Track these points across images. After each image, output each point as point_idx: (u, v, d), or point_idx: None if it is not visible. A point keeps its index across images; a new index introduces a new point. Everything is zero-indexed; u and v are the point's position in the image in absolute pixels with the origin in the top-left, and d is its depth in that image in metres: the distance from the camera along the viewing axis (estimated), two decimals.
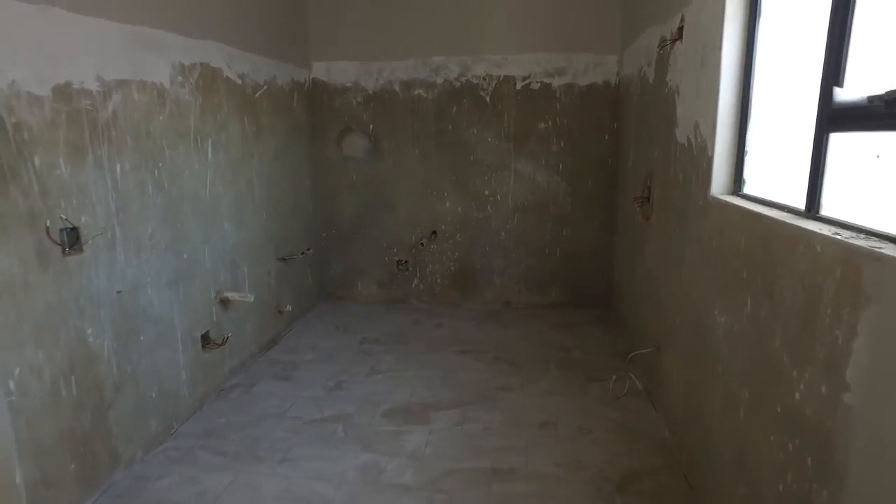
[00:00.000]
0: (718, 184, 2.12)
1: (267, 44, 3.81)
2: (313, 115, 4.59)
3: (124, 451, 2.49)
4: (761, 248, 1.68)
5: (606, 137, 4.32)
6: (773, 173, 1.94)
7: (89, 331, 2.29)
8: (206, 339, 3.08)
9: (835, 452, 1.28)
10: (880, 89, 1.27)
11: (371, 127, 4.57)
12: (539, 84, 4.33)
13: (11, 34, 1.93)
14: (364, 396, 3.17)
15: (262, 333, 3.75)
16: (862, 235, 1.30)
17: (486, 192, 4.53)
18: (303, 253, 4.27)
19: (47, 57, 2.08)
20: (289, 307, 3.99)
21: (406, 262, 4.71)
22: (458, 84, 4.41)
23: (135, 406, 2.56)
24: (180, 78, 2.88)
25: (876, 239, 1.25)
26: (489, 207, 4.55)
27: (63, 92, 2.15)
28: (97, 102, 2.32)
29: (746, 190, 2.06)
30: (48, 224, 2.07)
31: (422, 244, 4.61)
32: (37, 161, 2.03)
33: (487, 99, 4.41)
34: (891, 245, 1.19)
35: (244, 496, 2.34)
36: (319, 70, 4.57)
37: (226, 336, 3.20)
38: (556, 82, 4.30)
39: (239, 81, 3.46)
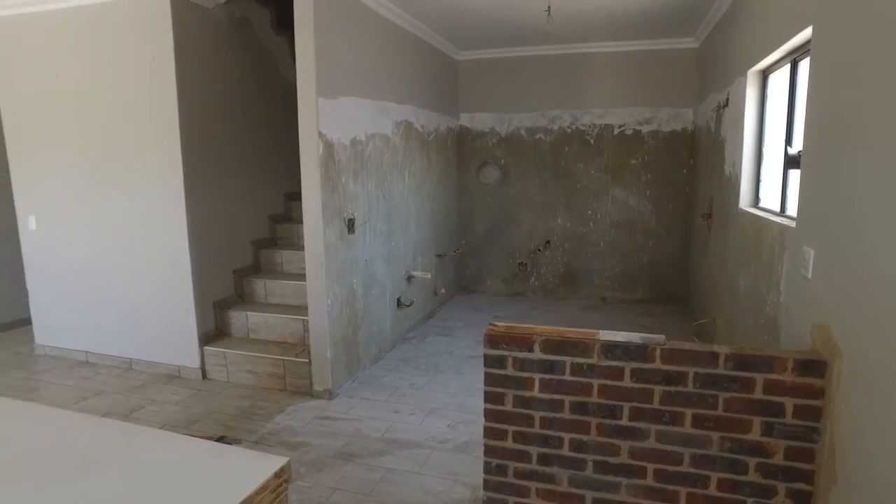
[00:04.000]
0: (744, 200, 3.41)
1: (435, 103, 5.45)
2: (460, 153, 6.21)
3: (362, 359, 4.07)
4: (756, 232, 2.97)
5: (684, 171, 5.59)
6: (772, 192, 3.22)
7: (354, 281, 3.90)
8: (399, 302, 4.65)
9: (780, 333, 2.56)
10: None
11: (502, 161, 6.11)
12: (631, 130, 5.68)
13: (330, 113, 3.59)
14: None
15: (425, 306, 5.29)
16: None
17: (589, 212, 5.91)
18: (455, 251, 5.84)
19: (346, 122, 3.75)
20: (443, 290, 5.55)
21: (525, 264, 6.15)
22: (569, 130, 5.86)
23: (367, 333, 4.14)
24: (395, 130, 4.53)
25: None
26: (591, 223, 5.92)
27: (353, 141, 3.82)
28: (363, 147, 3.98)
29: (762, 204, 3.34)
30: (344, 216, 3.71)
31: (538, 250, 6.05)
32: (342, 179, 3.69)
33: (591, 141, 5.81)
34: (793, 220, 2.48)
35: (439, 386, 3.83)
36: (465, 119, 6.19)
37: (411, 301, 4.76)
38: (645, 129, 5.64)
39: (421, 130, 5.10)
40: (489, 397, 2.17)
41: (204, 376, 4.03)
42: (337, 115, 3.61)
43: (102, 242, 4.19)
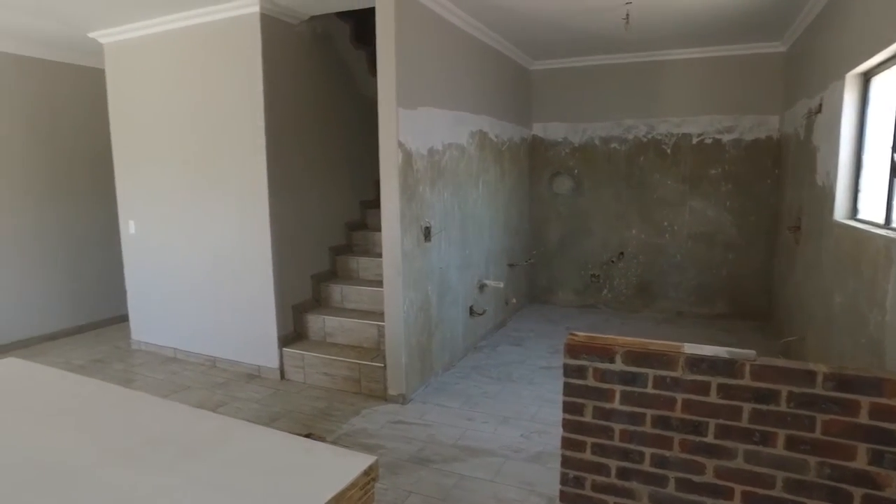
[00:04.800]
0: (840, 212, 3.22)
1: (508, 113, 5.47)
2: (533, 162, 6.19)
3: (435, 366, 4.11)
4: (855, 246, 2.80)
5: (768, 181, 5.34)
6: (873, 203, 3.03)
7: (429, 288, 3.96)
8: (471, 310, 4.68)
9: (885, 354, 2.40)
10: None
11: (575, 171, 6.05)
12: (711, 139, 5.49)
13: (409, 123, 3.67)
14: None
15: (496, 315, 5.29)
16: None
17: (665, 223, 5.74)
18: (526, 261, 5.82)
19: (423, 133, 3.83)
20: (514, 300, 5.53)
21: (598, 275, 6.04)
22: (645, 140, 5.73)
23: (440, 340, 4.19)
24: (471, 140, 4.57)
25: None
26: (667, 235, 5.75)
27: (430, 151, 3.89)
28: (440, 156, 4.04)
29: (861, 216, 3.15)
30: (421, 224, 3.78)
31: (612, 261, 5.93)
32: (420, 188, 3.76)
33: (668, 151, 5.66)
34: None
35: (511, 395, 3.82)
36: (538, 129, 6.17)
37: (484, 310, 4.78)
38: (726, 137, 5.44)
39: (495, 140, 5.13)
40: (568, 407, 2.15)
41: (282, 376, 4.20)
42: (415, 125, 3.69)
43: (192, 247, 4.45)
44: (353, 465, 1.53)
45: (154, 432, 1.67)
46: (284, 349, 4.16)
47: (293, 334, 4.30)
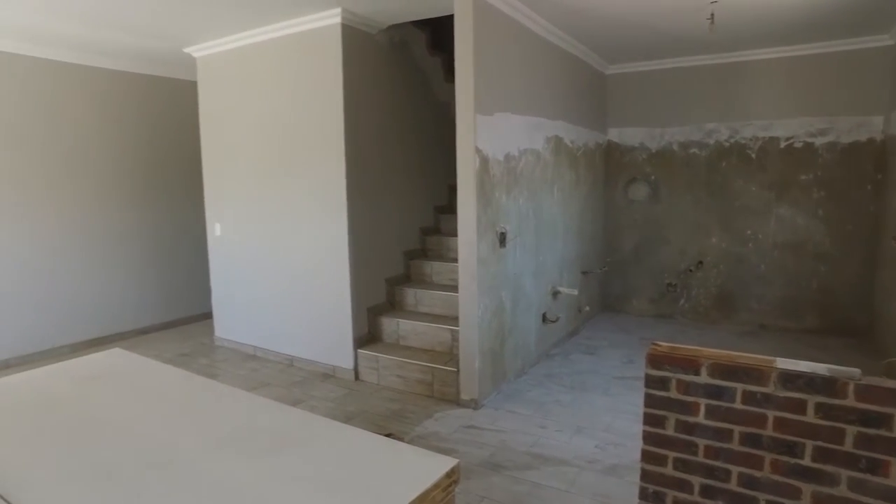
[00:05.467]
0: None
1: (583, 118, 5.39)
2: (608, 168, 6.07)
3: (507, 372, 4.09)
4: None
5: (868, 187, 4.99)
6: None
7: (503, 293, 3.95)
8: (544, 317, 4.63)
9: None
10: None
11: (652, 177, 5.88)
12: (801, 143, 5.19)
13: (486, 129, 3.68)
14: None
15: (569, 323, 5.21)
16: None
17: (749, 232, 5.47)
18: (600, 269, 5.71)
19: (500, 138, 3.83)
20: (587, 308, 5.43)
21: (675, 284, 5.84)
22: (727, 144, 5.50)
23: (513, 346, 4.16)
24: (546, 145, 4.54)
25: None
26: (750, 244, 5.48)
27: (506, 157, 3.89)
28: (516, 162, 4.04)
29: None
30: (497, 229, 3.78)
31: (690, 271, 5.72)
32: (496, 194, 3.77)
33: (753, 156, 5.40)
34: None
35: (585, 404, 3.75)
36: (613, 134, 6.04)
37: (557, 317, 4.72)
38: (819, 141, 5.13)
39: (570, 145, 5.06)
40: (649, 419, 2.09)
41: (356, 377, 4.30)
42: (492, 131, 3.70)
43: (273, 250, 4.64)
44: (435, 466, 1.54)
45: (245, 423, 1.75)
46: (359, 350, 4.26)
47: (367, 336, 4.40)
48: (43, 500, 1.31)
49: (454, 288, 4.33)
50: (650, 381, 2.07)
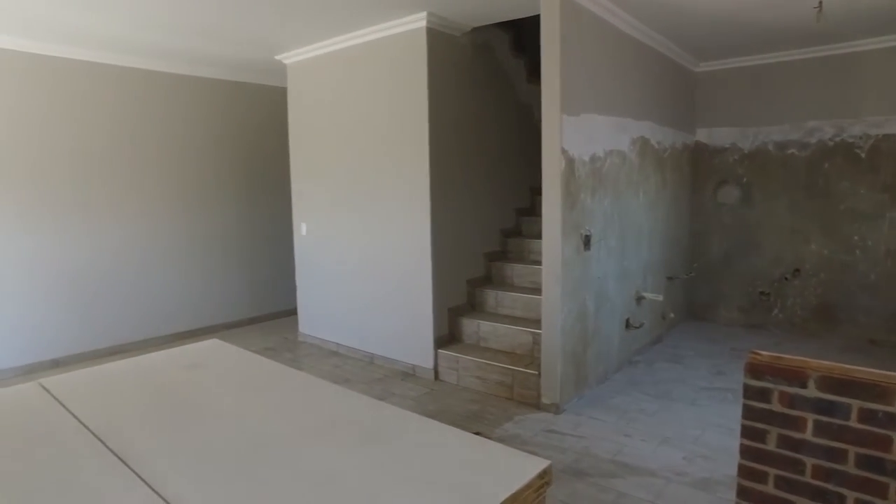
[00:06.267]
0: None
1: (671, 118, 5.19)
2: (695, 170, 5.82)
3: (589, 378, 4.00)
4: None
5: None
6: None
7: (587, 297, 3.87)
8: (628, 323, 4.49)
9: None
10: None
11: (744, 179, 5.58)
12: None
13: (572, 130, 3.62)
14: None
15: (652, 330, 5.03)
16: None
17: (856, 238, 5.08)
18: (686, 275, 5.49)
19: (586, 139, 3.76)
20: (672, 315, 5.23)
21: (768, 293, 5.52)
22: (831, 143, 5.13)
23: (595, 351, 4.07)
24: (632, 147, 4.41)
25: None
26: (858, 251, 5.08)
27: (591, 158, 3.81)
28: (601, 163, 3.95)
29: None
30: (581, 232, 3.71)
31: (785, 279, 5.38)
32: (581, 196, 3.70)
33: (862, 155, 5.01)
34: None
35: (671, 415, 3.61)
36: (702, 135, 5.79)
37: (641, 323, 4.57)
38: None
39: (656, 146, 4.90)
40: (748, 432, 1.98)
41: (436, 377, 4.33)
42: (578, 132, 3.64)
43: (356, 249, 4.77)
44: (528, 466, 1.53)
45: (337, 415, 1.80)
46: (439, 350, 4.30)
47: (448, 337, 4.43)
48: (161, 473, 1.40)
49: (535, 291, 4.29)
50: (749, 392, 1.97)
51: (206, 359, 2.42)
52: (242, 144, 5.96)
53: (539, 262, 4.30)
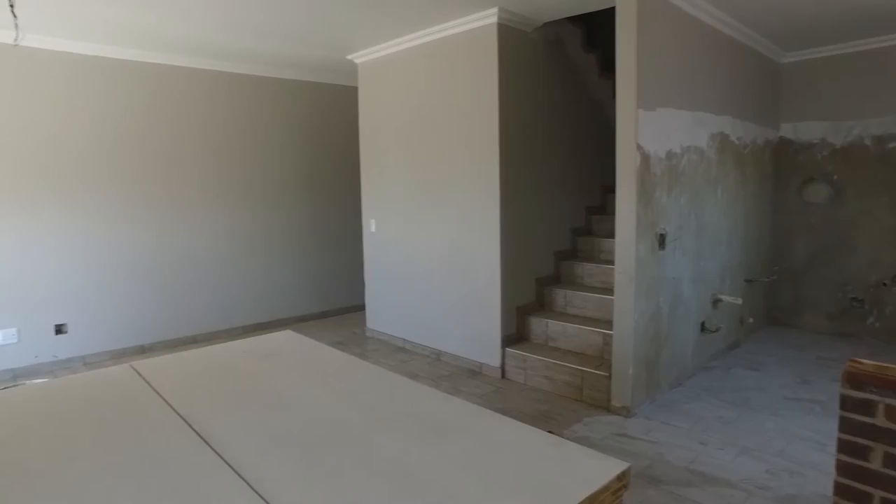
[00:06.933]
0: None
1: (753, 112, 4.93)
2: (778, 167, 5.51)
3: (661, 382, 3.86)
4: None
5: None
6: None
7: (660, 298, 3.73)
8: (703, 326, 4.30)
9: None
10: None
11: (834, 177, 5.23)
12: None
13: (648, 125, 3.48)
14: (832, 393, 3.89)
15: (729, 335, 4.80)
16: None
17: None
18: (767, 278, 5.20)
19: (662, 135, 3.62)
20: (751, 319, 4.97)
21: (861, 299, 5.14)
22: None
23: (668, 355, 3.92)
24: (710, 142, 4.22)
25: None
26: None
27: (667, 154, 3.67)
28: (677, 160, 3.79)
29: None
30: (656, 230, 3.58)
31: (884, 284, 5.00)
32: (656, 193, 3.57)
33: None
34: None
35: (751, 424, 3.42)
36: (787, 130, 5.47)
37: (717, 327, 4.37)
38: None
39: (737, 142, 4.66)
40: (846, 448, 1.83)
41: (503, 375, 4.29)
42: (654, 128, 3.51)
43: (424, 246, 4.79)
44: (605, 467, 1.48)
45: (409, 408, 1.80)
46: (507, 349, 4.26)
47: (515, 335, 4.38)
48: (241, 455, 1.44)
49: (606, 290, 4.18)
50: (848, 404, 1.82)
51: (281, 349, 2.48)
52: (315, 143, 6.12)
53: (610, 262, 4.20)
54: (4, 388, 2.19)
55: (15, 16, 3.73)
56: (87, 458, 1.48)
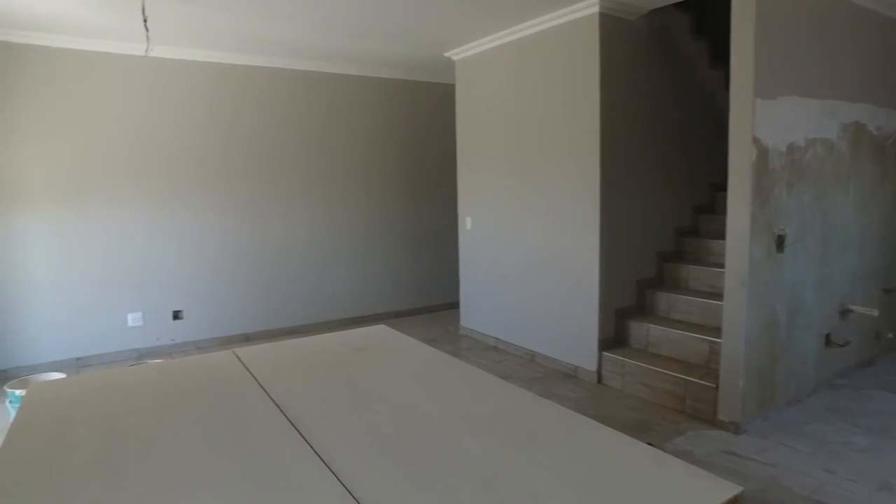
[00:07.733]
0: None
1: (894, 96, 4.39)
2: None
3: (777, 397, 3.51)
4: None
5: None
6: None
7: (777, 306, 3.40)
8: (828, 339, 3.88)
9: None
10: None
11: None
12: None
13: (766, 116, 3.16)
14: None
15: (861, 351, 4.29)
16: None
17: None
18: None
19: (784, 126, 3.29)
20: (890, 335, 4.42)
21: None
22: None
23: (785, 368, 3.56)
24: (842, 134, 3.79)
25: None
26: None
27: (789, 147, 3.33)
28: (801, 154, 3.44)
29: None
30: (774, 231, 3.26)
31: None
32: (775, 190, 3.25)
33: None
34: None
35: (892, 454, 3.01)
36: None
37: (846, 341, 3.92)
38: None
39: (876, 133, 4.16)
40: None
41: (599, 380, 4.11)
42: (774, 118, 3.20)
43: (521, 245, 4.69)
44: (714, 489, 1.34)
45: (500, 409, 1.73)
46: (604, 353, 4.06)
47: (613, 339, 4.18)
48: (329, 445, 1.44)
49: (713, 295, 3.88)
50: None
51: (374, 343, 2.50)
52: (413, 141, 6.20)
53: (720, 265, 3.91)
54: (131, 366, 2.37)
55: (147, 29, 4.07)
56: (186, 435, 1.55)
